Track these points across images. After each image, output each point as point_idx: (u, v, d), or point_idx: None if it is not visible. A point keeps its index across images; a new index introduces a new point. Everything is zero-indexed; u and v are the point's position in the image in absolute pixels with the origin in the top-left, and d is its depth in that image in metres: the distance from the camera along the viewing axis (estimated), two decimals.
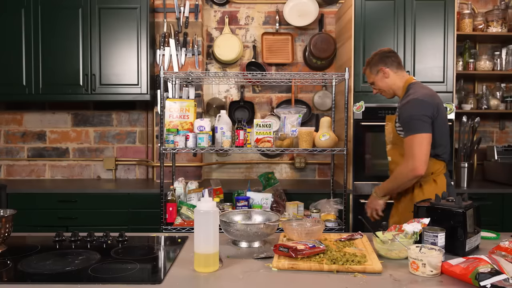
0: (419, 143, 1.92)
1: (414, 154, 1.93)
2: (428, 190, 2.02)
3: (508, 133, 3.80)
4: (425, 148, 1.93)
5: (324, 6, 3.69)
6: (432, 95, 2.04)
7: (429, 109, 1.96)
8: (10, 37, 3.22)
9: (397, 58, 2.16)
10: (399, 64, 2.16)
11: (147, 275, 1.31)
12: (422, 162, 1.91)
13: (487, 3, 3.70)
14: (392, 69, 2.14)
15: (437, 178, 2.04)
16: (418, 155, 1.92)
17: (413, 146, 1.93)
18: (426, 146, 1.93)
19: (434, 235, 1.40)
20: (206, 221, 1.31)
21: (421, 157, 1.91)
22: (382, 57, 2.15)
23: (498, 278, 1.13)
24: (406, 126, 1.99)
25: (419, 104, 1.96)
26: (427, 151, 1.93)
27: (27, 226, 2.93)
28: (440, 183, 2.04)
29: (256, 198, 2.69)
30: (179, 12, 3.45)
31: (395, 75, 2.15)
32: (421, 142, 1.92)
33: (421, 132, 1.93)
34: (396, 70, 2.15)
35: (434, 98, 2.02)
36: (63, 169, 3.73)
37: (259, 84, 3.55)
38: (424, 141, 1.92)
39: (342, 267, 1.31)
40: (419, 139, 1.92)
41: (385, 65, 2.14)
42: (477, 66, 3.46)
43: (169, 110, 2.75)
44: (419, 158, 1.91)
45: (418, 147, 1.92)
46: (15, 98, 3.38)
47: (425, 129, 1.93)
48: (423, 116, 1.94)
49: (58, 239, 1.64)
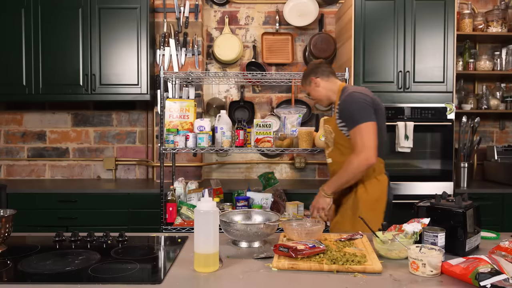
0: (366, 132, 1.92)
1: (363, 143, 1.92)
2: (372, 189, 2.03)
3: (508, 133, 3.80)
4: (373, 136, 1.93)
5: (324, 6, 3.69)
6: (368, 91, 2.09)
7: (368, 99, 2.00)
8: (10, 37, 3.22)
9: (328, 68, 2.22)
10: (330, 73, 2.21)
11: (147, 275, 1.31)
12: (373, 149, 1.92)
13: (487, 3, 3.70)
14: (323, 78, 2.19)
15: (379, 177, 2.06)
16: (367, 144, 1.92)
17: (362, 135, 1.93)
18: (374, 134, 1.94)
19: (434, 235, 1.40)
20: (206, 221, 1.30)
21: (371, 145, 1.92)
22: (312, 69, 2.23)
23: (498, 278, 1.13)
24: (350, 119, 1.99)
25: (358, 95, 1.99)
26: (375, 139, 1.94)
27: (27, 226, 2.92)
28: (382, 181, 2.05)
29: (256, 198, 2.70)
30: (179, 12, 3.45)
31: (327, 83, 2.20)
32: (368, 130, 1.93)
33: (366, 120, 1.94)
34: (328, 79, 2.20)
35: (370, 94, 2.07)
36: (63, 169, 3.73)
37: (259, 84, 3.55)
38: (371, 129, 1.93)
39: (342, 267, 1.31)
40: (366, 127, 1.93)
41: (315, 75, 2.20)
42: (477, 66, 3.46)
43: (169, 110, 2.75)
44: (369, 146, 1.92)
45: (366, 136, 1.92)
46: (15, 98, 3.39)
47: (369, 117, 1.95)
48: (365, 105, 1.96)
49: (58, 239, 1.64)
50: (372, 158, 1.93)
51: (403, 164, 3.10)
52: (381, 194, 2.05)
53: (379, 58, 3.07)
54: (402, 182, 3.08)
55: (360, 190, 2.05)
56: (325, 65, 2.23)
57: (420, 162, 3.10)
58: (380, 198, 2.04)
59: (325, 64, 2.24)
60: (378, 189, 2.03)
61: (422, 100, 3.09)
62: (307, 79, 2.24)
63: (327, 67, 2.22)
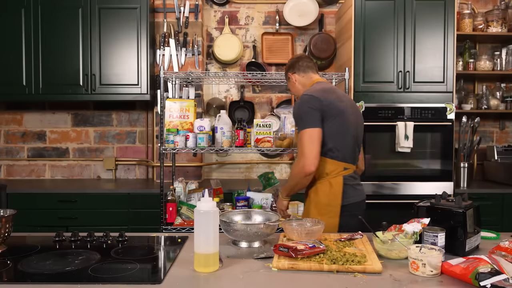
0: (306, 139, 1.86)
1: (303, 150, 1.87)
2: (323, 192, 1.94)
3: (508, 133, 3.80)
4: (314, 143, 1.86)
5: (324, 6, 3.69)
6: (326, 91, 1.96)
7: (316, 103, 1.89)
8: (10, 37, 3.22)
9: (305, 62, 2.14)
10: (307, 67, 2.13)
11: (147, 275, 1.31)
12: (311, 158, 1.85)
13: (487, 3, 3.71)
14: (299, 73, 2.13)
15: (333, 180, 1.94)
16: (306, 152, 1.86)
17: (302, 142, 1.87)
18: (315, 141, 1.86)
19: (434, 235, 1.40)
20: (206, 221, 1.30)
21: (309, 153, 1.85)
22: (291, 64, 2.17)
23: (498, 278, 1.13)
24: (296, 122, 1.95)
25: (307, 99, 1.91)
26: (315, 147, 1.86)
27: (27, 226, 2.92)
28: (335, 185, 1.93)
29: (256, 198, 2.70)
30: (179, 12, 3.45)
31: (303, 79, 2.13)
32: (309, 137, 1.86)
33: (309, 127, 1.87)
34: (304, 74, 2.13)
35: (328, 95, 1.94)
36: (63, 169, 3.73)
37: (259, 84, 3.55)
38: (312, 136, 1.86)
39: (342, 267, 1.31)
40: (307, 134, 1.87)
41: (292, 70, 2.15)
42: (477, 66, 3.46)
43: (169, 110, 2.75)
44: (307, 154, 1.85)
45: (306, 143, 1.86)
46: (15, 98, 3.39)
47: (312, 123, 1.87)
48: (310, 110, 1.88)
49: (58, 239, 1.64)
50: (309, 166, 1.85)
51: (403, 164, 3.10)
52: (334, 198, 1.93)
53: (379, 58, 3.07)
54: (402, 182, 3.08)
55: (312, 194, 2.00)
56: (303, 60, 2.14)
57: (420, 162, 3.10)
58: (331, 202, 1.93)
59: (304, 58, 2.16)
60: (330, 192, 1.93)
61: (422, 100, 3.09)
62: (286, 74, 2.20)
63: (305, 61, 2.14)
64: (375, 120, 3.06)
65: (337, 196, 1.93)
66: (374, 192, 3.08)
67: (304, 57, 2.17)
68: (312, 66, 2.15)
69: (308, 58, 2.18)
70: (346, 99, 2.04)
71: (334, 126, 1.91)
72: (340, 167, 1.95)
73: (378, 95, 3.09)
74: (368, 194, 3.03)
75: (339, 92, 2.04)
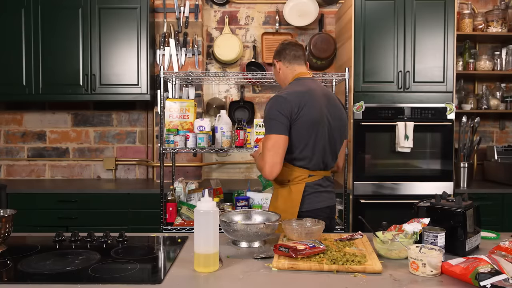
0: (271, 145, 1.77)
1: (264, 156, 1.78)
2: (282, 197, 1.89)
3: (508, 133, 3.80)
4: (277, 151, 1.76)
5: (324, 6, 3.69)
6: (301, 94, 1.82)
7: (287, 109, 1.77)
8: (10, 37, 3.22)
9: (292, 51, 1.96)
10: (294, 57, 1.96)
11: (147, 275, 1.31)
12: (271, 166, 1.76)
13: (487, 3, 3.71)
14: (284, 62, 1.98)
15: (294, 187, 1.86)
16: (267, 159, 1.76)
17: (266, 147, 1.78)
18: (279, 149, 1.76)
19: (434, 235, 1.40)
20: (206, 221, 1.30)
21: (270, 161, 1.76)
22: (278, 50, 2.01)
23: (498, 278, 1.13)
24: (264, 123, 1.85)
25: (278, 102, 1.79)
26: (278, 155, 1.76)
27: (27, 226, 2.93)
28: (295, 192, 1.85)
29: (256, 198, 2.69)
30: (179, 12, 3.45)
31: (287, 69, 1.98)
32: (273, 144, 1.76)
33: (275, 133, 1.77)
34: (289, 64, 1.97)
35: (302, 98, 1.81)
36: (63, 169, 3.73)
37: (259, 84, 3.55)
38: (276, 144, 1.76)
39: (342, 267, 1.31)
40: (272, 140, 1.77)
41: (278, 57, 2.00)
42: (477, 66, 3.46)
43: (169, 110, 2.75)
44: (268, 162, 1.76)
45: (269, 150, 1.76)
46: (15, 98, 3.39)
47: (278, 130, 1.76)
48: (280, 116, 1.76)
49: (58, 239, 1.64)
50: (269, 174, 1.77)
51: (403, 164, 3.10)
52: (291, 204, 1.86)
53: (379, 58, 3.07)
54: (402, 182, 3.08)
55: (273, 198, 1.97)
56: (291, 48, 1.97)
57: (420, 162, 3.10)
58: (288, 209, 1.85)
59: (292, 46, 1.97)
60: (288, 199, 1.86)
61: (422, 100, 3.09)
62: (273, 60, 2.05)
63: (293, 50, 1.96)
64: (375, 120, 3.06)
65: (295, 203, 1.86)
66: (374, 192, 3.08)
67: (293, 45, 1.99)
68: (299, 56, 1.97)
69: (297, 45, 1.99)
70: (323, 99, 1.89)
71: (303, 132, 1.82)
72: (304, 174, 1.87)
73: (378, 95, 3.09)
74: (368, 194, 3.08)
75: (317, 93, 1.88)
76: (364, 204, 3.06)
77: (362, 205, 3.06)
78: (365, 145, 3.09)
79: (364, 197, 3.07)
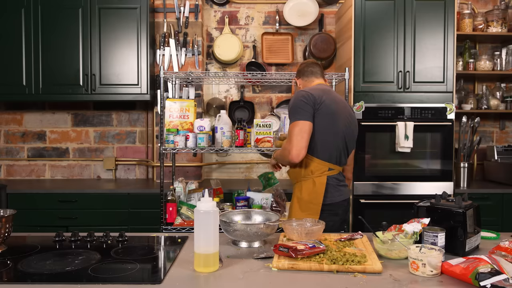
0: (297, 131, 1.94)
1: (291, 140, 1.94)
2: (306, 189, 2.03)
3: (508, 133, 3.80)
4: (303, 136, 1.93)
5: (324, 6, 3.69)
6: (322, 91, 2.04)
7: (309, 98, 1.97)
8: (10, 37, 3.22)
9: (309, 67, 2.22)
10: (311, 73, 2.21)
11: (147, 275, 1.31)
12: (298, 149, 1.92)
13: (487, 3, 3.71)
14: (303, 78, 2.24)
15: (317, 179, 2.02)
16: (294, 142, 1.93)
17: (292, 133, 1.95)
18: (304, 134, 1.94)
19: (434, 235, 1.40)
20: (206, 221, 1.31)
21: (297, 144, 1.92)
22: (298, 70, 2.28)
23: (498, 278, 1.13)
24: (290, 114, 2.03)
25: (302, 94, 2.00)
26: (304, 139, 1.94)
27: (27, 226, 2.94)
28: (319, 184, 2.01)
29: (256, 198, 2.70)
30: (179, 12, 3.45)
31: (305, 83, 2.23)
32: (299, 129, 1.93)
33: (300, 119, 1.95)
34: (307, 79, 2.22)
35: (323, 95, 2.02)
36: (63, 169, 3.73)
37: (259, 84, 3.55)
38: (302, 129, 1.94)
39: (342, 267, 1.31)
40: (299, 126, 1.94)
41: (298, 76, 2.28)
42: (477, 66, 3.46)
43: (169, 110, 2.75)
44: (295, 144, 1.93)
45: (296, 135, 1.93)
46: (15, 98, 3.39)
47: (304, 116, 1.95)
48: (304, 104, 1.96)
49: (58, 239, 1.64)
50: (295, 157, 1.93)
51: (403, 164, 3.10)
52: (316, 196, 2.01)
53: (379, 58, 3.07)
54: (402, 182, 3.08)
55: (296, 189, 2.09)
56: (308, 66, 2.23)
57: (420, 162, 3.10)
58: (313, 200, 2.01)
59: (310, 64, 2.24)
60: (312, 190, 2.01)
61: (422, 100, 3.09)
62: (295, 79, 2.34)
63: (310, 67, 2.22)
64: (375, 120, 3.06)
65: (319, 195, 2.00)
66: (374, 192, 3.08)
67: (311, 64, 2.25)
68: (315, 72, 2.21)
69: (314, 64, 2.25)
70: (341, 103, 2.11)
71: (324, 124, 1.99)
72: (325, 167, 2.03)
73: (378, 95, 3.09)
74: (368, 194, 3.08)
75: (336, 96, 2.12)
76: (364, 204, 3.06)
77: (362, 205, 3.06)
78: (365, 145, 3.09)
79: (364, 197, 3.07)
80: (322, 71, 2.25)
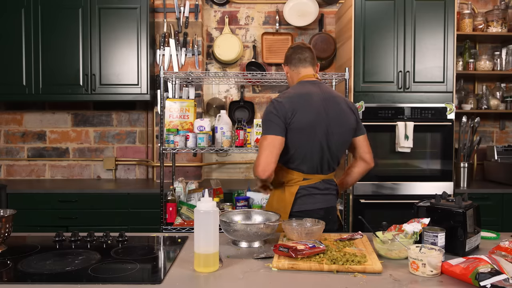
0: (266, 145, 1.80)
1: (260, 156, 1.80)
2: (277, 197, 1.93)
3: (508, 133, 3.80)
4: (272, 152, 1.78)
5: (324, 6, 3.69)
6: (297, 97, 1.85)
7: (281, 111, 1.80)
8: (10, 37, 3.22)
9: (298, 54, 1.96)
10: (298, 61, 1.97)
11: (147, 275, 1.31)
12: (264, 165, 1.78)
13: (487, 3, 3.71)
14: (290, 66, 2.00)
15: (288, 189, 1.90)
16: (262, 158, 1.79)
17: (262, 147, 1.81)
18: (274, 148, 1.79)
19: (434, 235, 1.40)
20: (206, 221, 1.30)
21: (264, 161, 1.78)
22: (286, 54, 2.04)
23: (498, 278, 1.13)
24: (262, 124, 1.89)
25: (275, 105, 1.83)
26: (273, 154, 1.79)
27: (27, 226, 2.93)
28: (288, 194, 1.88)
29: (256, 198, 2.70)
30: (179, 12, 3.45)
31: (293, 73, 2.00)
32: (268, 143, 1.80)
33: (269, 133, 1.80)
34: (295, 68, 1.98)
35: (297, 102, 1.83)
36: (63, 169, 3.73)
37: (259, 84, 3.55)
38: (271, 144, 1.79)
39: (342, 267, 1.31)
40: (268, 140, 1.80)
41: (286, 62, 2.03)
42: (477, 66, 3.46)
43: (169, 110, 2.75)
44: (262, 161, 1.78)
45: (264, 150, 1.79)
46: (15, 98, 3.39)
47: (274, 131, 1.80)
48: (273, 117, 1.81)
49: (58, 239, 1.64)
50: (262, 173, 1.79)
51: (403, 164, 3.10)
52: (284, 204, 1.89)
53: (379, 58, 3.07)
54: (402, 182, 3.08)
55: (270, 197, 2.01)
56: (297, 51, 1.97)
57: (420, 162, 3.10)
58: (281, 208, 1.88)
59: (298, 50, 1.97)
60: (281, 199, 1.90)
61: (422, 100, 3.09)
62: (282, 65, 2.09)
63: (298, 53, 1.96)
64: (375, 120, 3.06)
65: (288, 203, 1.88)
66: (374, 192, 3.08)
67: (299, 48, 1.98)
68: (304, 59, 1.96)
69: (304, 48, 1.98)
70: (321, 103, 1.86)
71: (298, 138, 1.83)
72: (299, 177, 1.89)
73: (378, 95, 3.09)
74: (368, 194, 3.08)
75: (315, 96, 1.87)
76: (364, 204, 3.06)
77: (362, 205, 3.06)
78: None
79: (364, 197, 3.07)
80: (312, 56, 1.98)
